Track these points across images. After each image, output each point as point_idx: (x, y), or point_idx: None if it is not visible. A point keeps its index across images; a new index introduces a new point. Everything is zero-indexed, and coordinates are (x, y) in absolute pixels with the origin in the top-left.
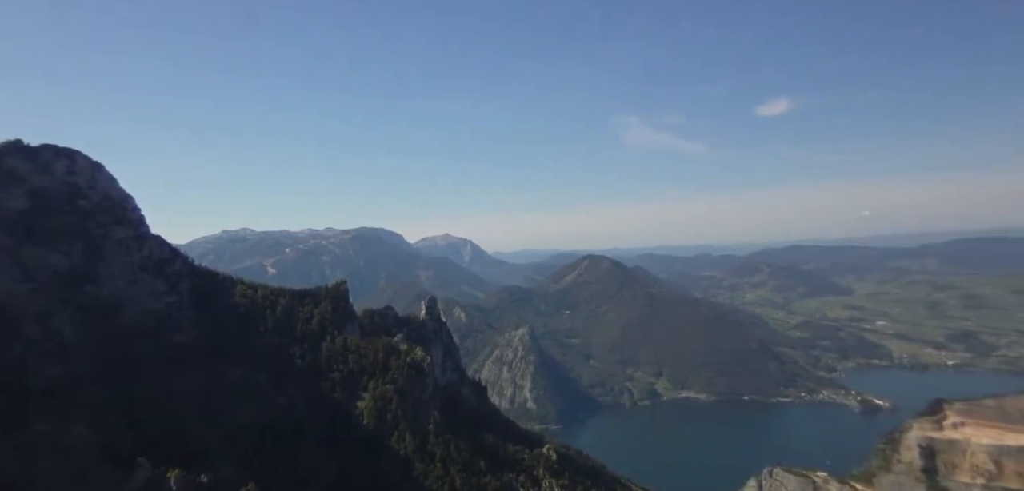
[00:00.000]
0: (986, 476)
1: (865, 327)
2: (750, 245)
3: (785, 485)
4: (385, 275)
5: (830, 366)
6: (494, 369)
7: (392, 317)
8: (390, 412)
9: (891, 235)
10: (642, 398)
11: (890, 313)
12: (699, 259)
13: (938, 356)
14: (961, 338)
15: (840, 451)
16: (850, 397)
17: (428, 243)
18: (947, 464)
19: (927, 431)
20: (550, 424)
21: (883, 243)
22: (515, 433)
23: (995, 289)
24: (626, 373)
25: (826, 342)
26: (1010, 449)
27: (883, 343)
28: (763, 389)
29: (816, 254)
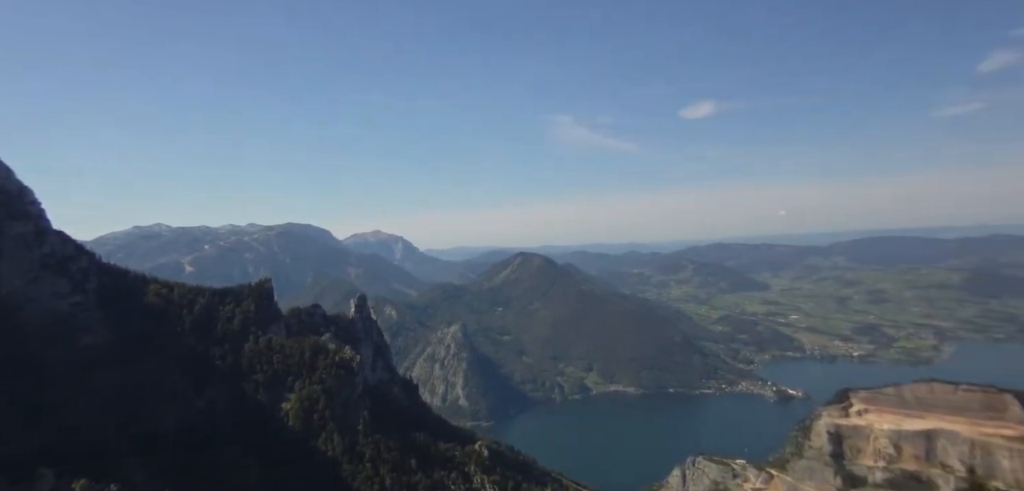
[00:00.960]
0: (887, 459)
1: (780, 321)
2: (677, 243)
3: (707, 473)
4: (313, 273)
5: (748, 358)
6: (426, 367)
7: (320, 316)
8: (317, 413)
9: (805, 234)
10: (573, 393)
11: (803, 307)
12: (628, 256)
13: (845, 348)
14: (865, 331)
15: (757, 439)
16: (766, 388)
17: (358, 240)
18: (853, 449)
19: (835, 418)
20: (482, 421)
21: (797, 241)
22: (447, 431)
23: (894, 284)
24: (557, 369)
25: (745, 336)
26: (908, 434)
27: (796, 336)
28: (687, 381)
29: (738, 251)
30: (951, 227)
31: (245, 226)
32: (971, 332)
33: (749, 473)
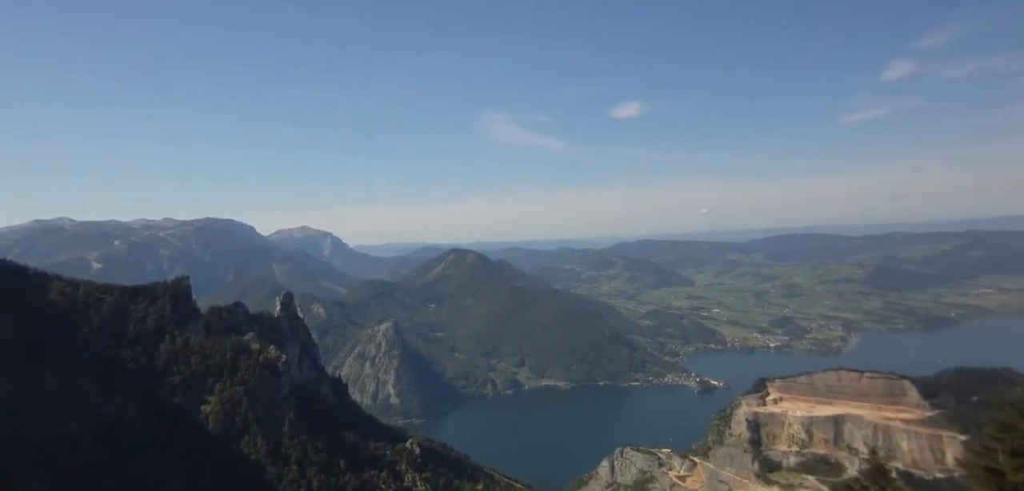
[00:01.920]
0: (800, 444)
1: (703, 315)
2: (607, 239)
3: (634, 463)
4: (234, 270)
5: (674, 351)
6: (356, 365)
7: (242, 314)
8: (239, 415)
9: (726, 231)
10: (505, 388)
11: (724, 302)
12: (561, 253)
13: (763, 339)
14: (781, 323)
15: (682, 429)
16: (691, 379)
17: (284, 236)
18: (769, 435)
19: (753, 407)
20: (414, 419)
21: (720, 238)
22: (378, 430)
23: (807, 279)
24: (490, 364)
25: (671, 329)
26: (818, 420)
27: (718, 329)
28: (616, 375)
29: (664, 248)
30: (857, 225)
31: (160, 221)
32: (874, 323)
33: (674, 462)
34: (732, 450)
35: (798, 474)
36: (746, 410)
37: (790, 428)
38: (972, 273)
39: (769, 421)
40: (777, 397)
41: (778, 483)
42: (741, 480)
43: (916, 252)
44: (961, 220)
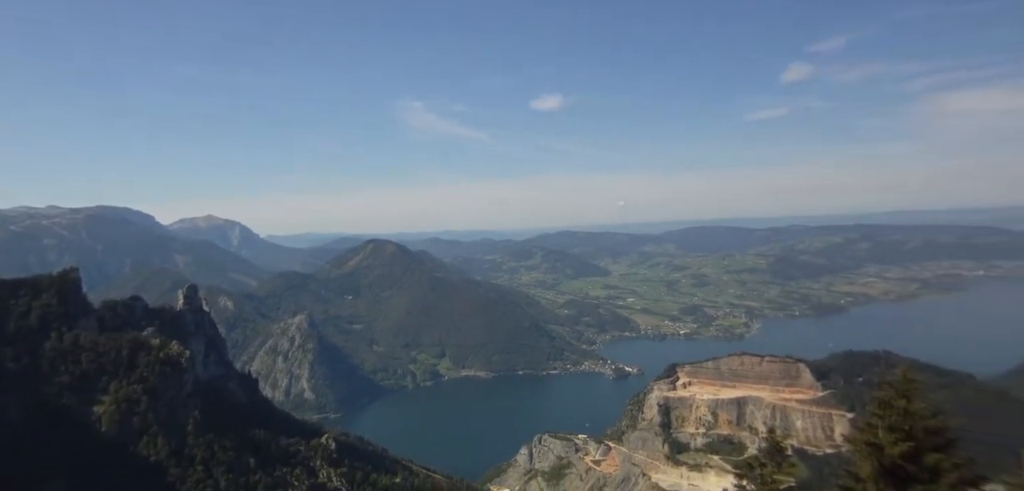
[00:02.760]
0: (706, 426)
1: (619, 304)
2: (527, 230)
3: (552, 449)
4: (131, 262)
5: (591, 339)
6: (267, 360)
7: (141, 309)
8: (138, 415)
9: (641, 223)
10: (425, 379)
11: (638, 291)
12: (481, 243)
13: (673, 327)
14: (690, 311)
15: (598, 414)
16: (606, 366)
17: (187, 225)
18: (679, 418)
19: (664, 392)
20: (330, 413)
21: (635, 230)
22: (291, 425)
23: (714, 269)
24: (410, 356)
25: (588, 318)
26: (723, 402)
27: (633, 317)
28: (535, 363)
29: (582, 239)
30: (761, 218)
31: (44, 208)
32: (774, 310)
33: (590, 446)
34: (644, 433)
35: (704, 454)
36: (657, 395)
37: (698, 411)
38: (860, 263)
39: (679, 405)
40: (686, 382)
41: (686, 464)
42: (652, 462)
43: (812, 244)
44: (852, 214)
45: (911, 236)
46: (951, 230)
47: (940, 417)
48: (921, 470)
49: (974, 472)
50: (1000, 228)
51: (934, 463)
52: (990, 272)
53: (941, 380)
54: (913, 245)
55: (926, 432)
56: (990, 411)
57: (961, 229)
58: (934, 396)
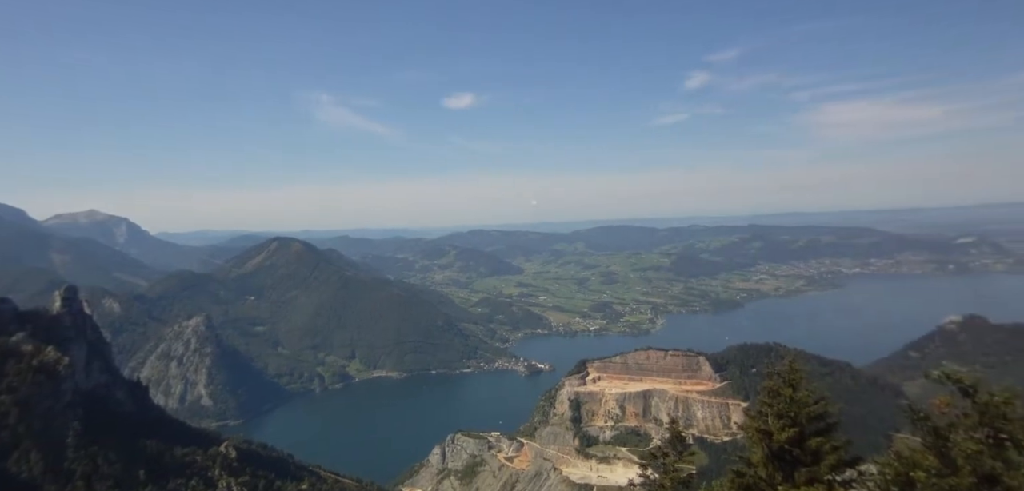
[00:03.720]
0: (614, 419)
1: (531, 302)
2: (440, 229)
3: (465, 448)
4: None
5: (504, 337)
6: (160, 366)
7: (10, 312)
8: (7, 429)
9: (554, 221)
10: (334, 382)
11: (550, 289)
12: (393, 242)
13: (584, 323)
14: (600, 308)
15: (511, 411)
16: (519, 363)
17: (65, 221)
18: (588, 412)
19: (575, 387)
20: (230, 420)
21: (547, 229)
22: (186, 434)
23: (622, 267)
24: (318, 358)
25: (501, 316)
26: (630, 395)
27: (545, 314)
28: (449, 363)
29: (496, 237)
30: (665, 218)
31: None
32: (677, 306)
33: (503, 444)
34: (556, 428)
35: (613, 447)
36: (568, 390)
37: (606, 404)
38: (753, 261)
39: (589, 399)
40: (596, 377)
41: (595, 456)
42: (563, 456)
43: (711, 243)
44: (746, 215)
45: (798, 236)
46: (832, 231)
47: (821, 403)
48: (805, 453)
49: (851, 453)
50: (874, 229)
51: (816, 446)
52: (865, 269)
53: (823, 369)
54: (799, 244)
55: (809, 418)
56: (865, 396)
57: (841, 230)
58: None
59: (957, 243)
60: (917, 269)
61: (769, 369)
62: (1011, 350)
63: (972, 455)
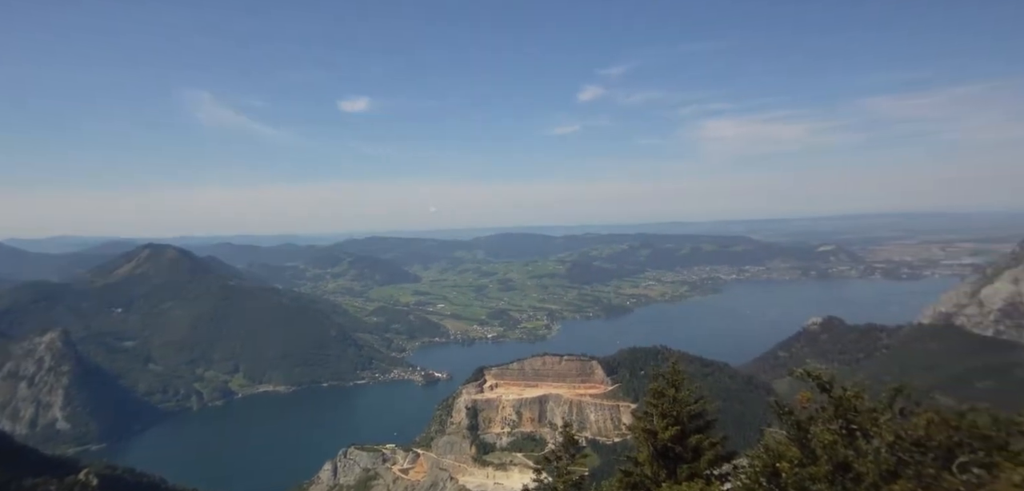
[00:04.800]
0: (511, 425)
1: (429, 310)
2: (334, 235)
3: (358, 462)
4: None
5: (401, 347)
6: (6, 387)
7: None
8: None
9: (452, 229)
10: (214, 398)
11: (448, 297)
12: (283, 249)
13: (482, 331)
14: (498, 315)
15: (408, 422)
16: (416, 373)
17: None
18: (486, 420)
19: (472, 395)
20: (92, 444)
21: (446, 236)
22: (38, 463)
23: (520, 274)
24: (195, 374)
25: (398, 325)
26: (526, 401)
27: (443, 323)
28: (342, 374)
29: (393, 245)
30: (560, 226)
31: None
32: (572, 312)
33: (398, 456)
34: (453, 437)
35: (509, 453)
36: (466, 398)
37: (503, 411)
38: (642, 268)
39: (486, 406)
40: (493, 383)
41: (492, 463)
42: (460, 465)
43: (603, 251)
44: (635, 224)
45: (682, 244)
46: (712, 239)
47: (701, 402)
48: (686, 450)
49: (727, 448)
50: (747, 238)
51: (696, 443)
52: (740, 275)
53: (705, 369)
54: (683, 252)
55: (690, 416)
56: (741, 394)
57: (719, 239)
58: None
59: (818, 251)
60: (785, 275)
61: (655, 371)
62: (863, 347)
63: (828, 445)
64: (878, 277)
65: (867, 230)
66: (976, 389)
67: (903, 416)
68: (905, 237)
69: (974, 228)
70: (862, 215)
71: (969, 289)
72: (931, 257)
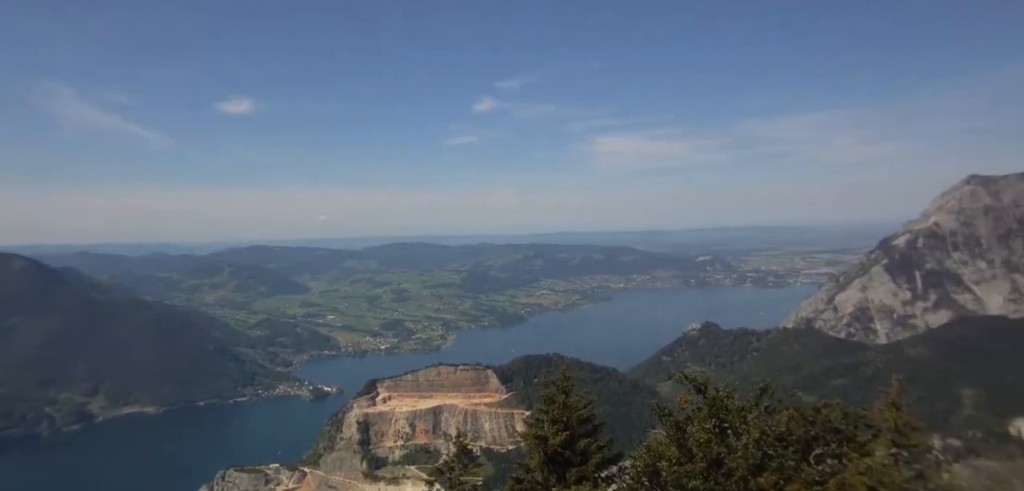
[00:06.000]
0: (404, 438)
1: (318, 322)
2: (214, 244)
3: (237, 484)
4: None
5: (287, 361)
6: None
7: None
8: None
9: (344, 238)
10: (70, 422)
11: (339, 308)
12: (154, 258)
13: (374, 342)
14: (391, 326)
15: (295, 440)
16: (304, 388)
17: None
18: (378, 434)
19: (364, 408)
20: None
21: (337, 245)
22: None
23: (414, 284)
24: (47, 396)
25: (284, 338)
26: (421, 412)
27: (333, 335)
28: (220, 392)
29: (279, 254)
30: (456, 236)
31: None
32: (467, 322)
33: (283, 476)
34: (342, 454)
35: (402, 466)
36: (357, 412)
37: (397, 424)
38: (536, 278)
39: (378, 420)
40: (386, 396)
41: (384, 478)
42: (350, 481)
43: (498, 260)
44: (530, 234)
45: (574, 254)
46: (602, 250)
47: (589, 407)
48: (575, 454)
49: (613, 451)
50: (633, 248)
51: (585, 447)
52: (628, 284)
53: (595, 375)
54: (575, 262)
55: (579, 421)
56: (628, 398)
57: (608, 249)
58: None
59: (697, 261)
60: (668, 283)
61: (546, 378)
62: (737, 350)
63: (703, 443)
64: (749, 285)
65: (739, 241)
66: (831, 386)
67: (768, 413)
68: (772, 248)
69: (830, 240)
70: (735, 227)
71: (825, 296)
72: (794, 267)
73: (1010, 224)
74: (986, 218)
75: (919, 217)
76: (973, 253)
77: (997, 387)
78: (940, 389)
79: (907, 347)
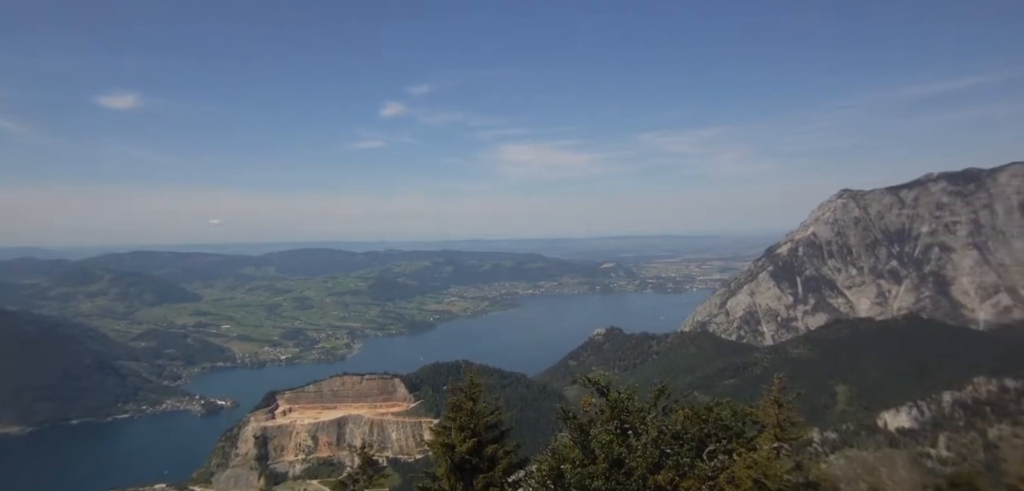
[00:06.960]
0: (306, 451)
1: (211, 331)
2: (90, 248)
3: None
4: None
5: (176, 373)
6: None
7: None
8: None
9: (240, 244)
10: None
11: (235, 317)
12: (19, 264)
13: (274, 353)
14: (292, 335)
15: (183, 458)
16: (194, 402)
17: None
18: (277, 448)
19: (262, 422)
20: None
21: (232, 251)
22: None
23: (317, 292)
24: None
25: (172, 350)
26: (324, 424)
27: (227, 345)
28: (97, 409)
29: (166, 260)
30: (363, 242)
31: None
32: (374, 329)
33: None
34: (238, 470)
35: (303, 481)
36: (254, 426)
37: (298, 437)
38: (445, 284)
39: (278, 434)
40: (286, 408)
41: None
42: None
43: (406, 267)
44: (439, 241)
45: (483, 261)
46: (511, 256)
47: (496, 413)
48: (482, 460)
49: (520, 455)
50: (541, 255)
51: (492, 453)
52: (536, 290)
53: (503, 381)
54: (484, 269)
55: (486, 427)
56: (536, 402)
57: (517, 256)
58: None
59: (602, 268)
60: (575, 289)
61: (453, 386)
62: (639, 354)
63: (605, 444)
64: (649, 291)
65: (641, 249)
66: (724, 386)
67: (665, 413)
68: (670, 256)
69: (723, 248)
70: (638, 236)
71: (719, 301)
72: (690, 273)
73: (876, 234)
74: (856, 229)
75: (799, 227)
76: (845, 260)
77: (866, 383)
78: (818, 386)
79: (790, 348)
